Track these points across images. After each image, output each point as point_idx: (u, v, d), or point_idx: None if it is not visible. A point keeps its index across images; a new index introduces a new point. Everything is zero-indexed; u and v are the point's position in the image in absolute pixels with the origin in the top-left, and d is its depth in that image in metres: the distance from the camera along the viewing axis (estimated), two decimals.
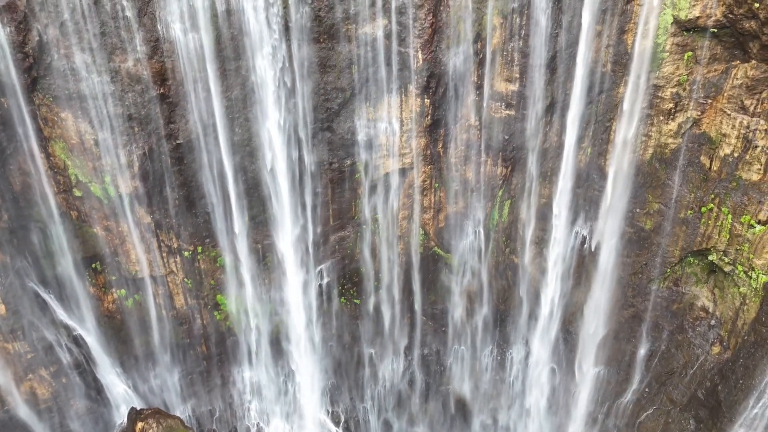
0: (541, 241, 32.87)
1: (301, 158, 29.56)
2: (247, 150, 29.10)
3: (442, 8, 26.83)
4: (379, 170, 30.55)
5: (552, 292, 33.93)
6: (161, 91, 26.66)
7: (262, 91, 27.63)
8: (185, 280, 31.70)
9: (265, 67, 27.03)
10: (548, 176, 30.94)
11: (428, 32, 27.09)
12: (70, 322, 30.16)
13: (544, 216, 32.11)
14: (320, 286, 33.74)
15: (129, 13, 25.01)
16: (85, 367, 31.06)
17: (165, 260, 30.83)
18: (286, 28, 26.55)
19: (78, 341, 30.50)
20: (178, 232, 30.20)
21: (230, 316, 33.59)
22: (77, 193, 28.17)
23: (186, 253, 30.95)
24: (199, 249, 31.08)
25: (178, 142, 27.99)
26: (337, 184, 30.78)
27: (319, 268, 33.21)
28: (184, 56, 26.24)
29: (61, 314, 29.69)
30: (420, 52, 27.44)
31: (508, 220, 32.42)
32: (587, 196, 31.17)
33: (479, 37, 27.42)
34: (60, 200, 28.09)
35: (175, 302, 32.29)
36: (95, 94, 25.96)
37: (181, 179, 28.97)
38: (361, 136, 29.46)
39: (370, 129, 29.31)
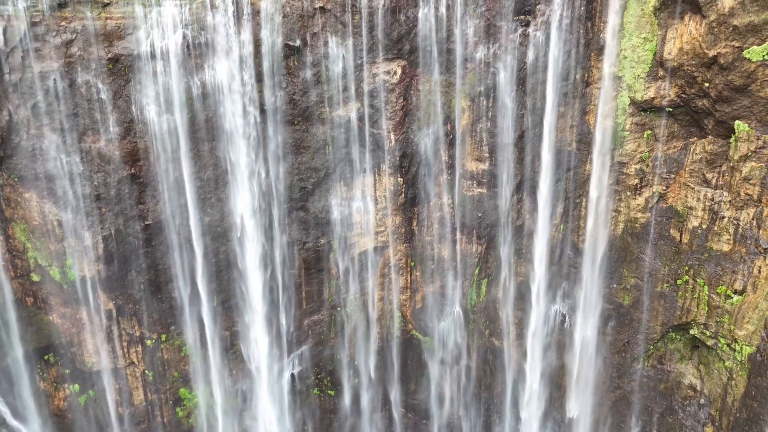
0: (521, 322, 32.08)
1: (273, 239, 29.02)
2: (218, 231, 28.49)
3: (412, 92, 27.96)
4: (354, 249, 30.07)
5: (535, 377, 32.62)
6: (132, 171, 26.38)
7: (235, 171, 27.62)
8: (146, 372, 29.51)
9: (239, 148, 27.24)
10: (523, 254, 30.86)
11: (399, 114, 27.98)
12: (15, 423, 27.33)
13: (521, 295, 31.61)
14: (292, 375, 31.78)
15: (104, 96, 25.31)
16: None
17: (125, 350, 28.84)
18: (261, 111, 27.14)
19: None
20: (141, 318, 28.57)
21: (193, 413, 31.02)
22: (35, 277, 26.74)
23: (149, 342, 29.08)
24: (163, 337, 29.29)
25: (147, 223, 27.28)
26: (311, 265, 30.04)
27: (291, 356, 31.46)
28: (158, 137, 26.33)
29: (5, 413, 26.95)
30: (392, 132, 28.15)
31: (486, 300, 31.77)
32: (563, 273, 31.00)
33: (448, 119, 28.40)
34: (16, 285, 26.55)
35: (134, 398, 29.80)
36: (63, 174, 25.52)
37: (148, 262, 27.90)
38: (335, 215, 29.27)
39: (345, 208, 29.22)
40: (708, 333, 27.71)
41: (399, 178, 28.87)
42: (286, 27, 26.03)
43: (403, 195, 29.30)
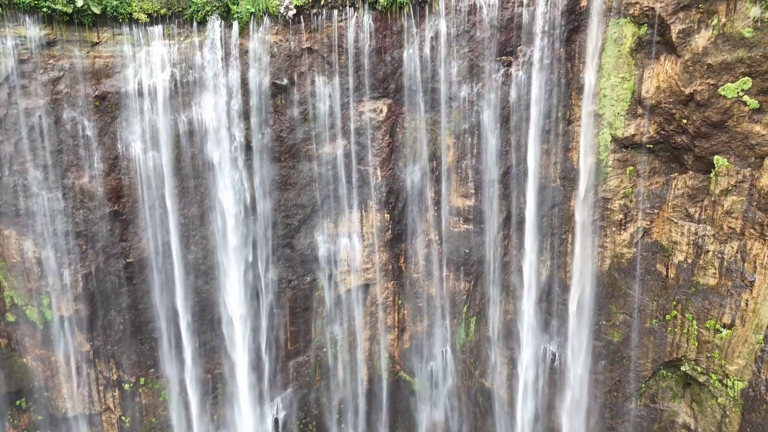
0: (511, 361, 31.52)
1: (258, 276, 28.54)
2: (201, 269, 27.99)
3: (398, 129, 28.32)
4: (341, 287, 29.63)
5: (526, 420, 31.77)
6: (115, 208, 26.06)
7: (221, 208, 27.41)
8: (123, 418, 28.25)
9: (225, 185, 27.13)
10: (511, 291, 30.64)
11: (386, 151, 28.23)
12: None
13: (510, 333, 31.19)
14: (276, 421, 30.61)
15: (90, 132, 25.25)
16: None
17: (101, 395, 27.67)
18: (248, 148, 27.22)
19: None
20: (119, 361, 27.57)
21: None
22: (10, 317, 25.84)
23: (126, 386, 27.96)
24: (142, 381, 28.21)
25: (128, 260, 26.75)
26: (296, 303, 29.47)
27: (275, 400, 30.39)
28: (143, 174, 26.17)
29: None
30: (378, 169, 28.31)
31: (475, 339, 31.25)
32: (552, 311, 30.75)
33: (434, 156, 28.69)
34: None
35: None
36: (44, 210, 25.11)
37: (128, 301, 27.18)
38: (321, 252, 28.97)
39: (331, 244, 28.97)
40: (699, 369, 27.38)
41: (386, 215, 28.84)
42: (273, 66, 26.47)
43: (389, 231, 29.20)
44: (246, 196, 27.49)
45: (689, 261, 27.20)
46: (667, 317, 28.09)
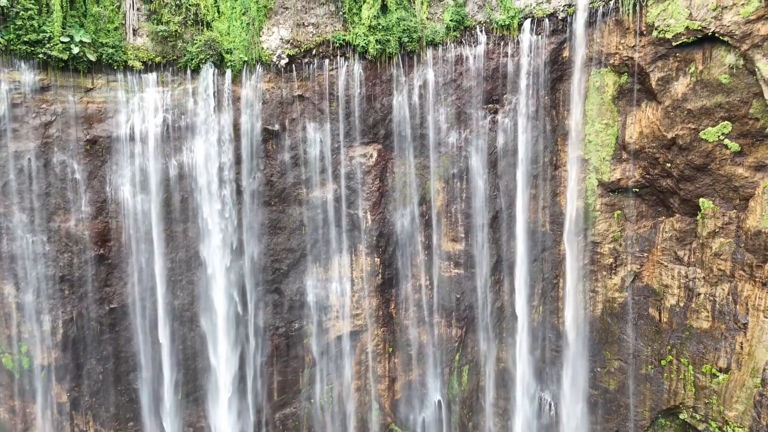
0: (505, 412, 30.51)
1: (245, 324, 27.84)
2: (187, 315, 27.29)
3: (387, 174, 28.56)
4: (330, 333, 28.92)
5: None
6: (101, 251, 25.64)
7: (208, 253, 27.06)
8: None
9: (214, 229, 26.91)
10: (504, 337, 30.08)
11: (376, 195, 28.34)
12: None
13: (504, 382, 30.35)
14: None
15: (78, 176, 25.19)
16: None
17: None
18: (238, 192, 27.21)
19: None
20: (97, 413, 26.33)
21: None
22: None
23: None
24: None
25: (111, 306, 26.06)
26: (283, 352, 28.62)
27: None
28: (131, 217, 25.96)
29: None
30: (369, 213, 28.32)
31: (468, 389, 30.34)
32: (546, 358, 30.09)
33: (424, 200, 28.83)
34: None
35: None
36: (27, 254, 24.62)
37: (109, 349, 26.28)
38: (310, 297, 28.45)
39: (320, 289, 28.50)
40: (698, 417, 26.64)
41: (376, 258, 28.60)
42: (265, 113, 26.91)
43: (380, 276, 28.86)
44: (234, 240, 27.23)
45: (681, 304, 27.01)
46: (663, 363, 27.58)
